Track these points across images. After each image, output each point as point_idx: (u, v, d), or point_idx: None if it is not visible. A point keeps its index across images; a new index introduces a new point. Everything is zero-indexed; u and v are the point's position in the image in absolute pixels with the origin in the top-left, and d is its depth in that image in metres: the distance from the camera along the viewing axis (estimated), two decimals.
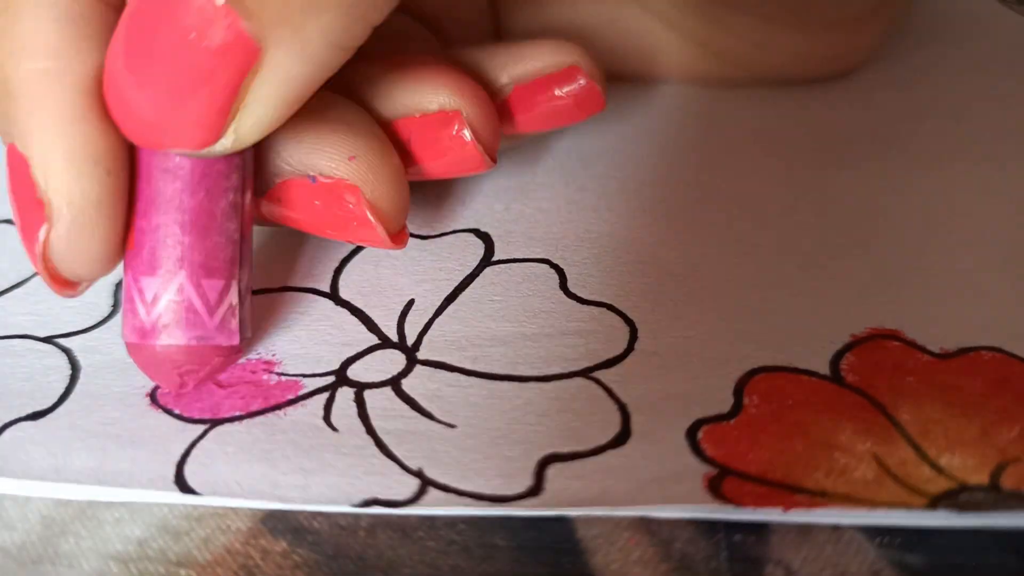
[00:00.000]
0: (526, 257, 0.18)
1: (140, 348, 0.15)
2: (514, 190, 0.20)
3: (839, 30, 0.23)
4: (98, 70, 0.14)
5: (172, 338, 0.15)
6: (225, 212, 0.15)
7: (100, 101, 0.14)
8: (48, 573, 0.14)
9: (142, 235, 0.15)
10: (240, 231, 0.15)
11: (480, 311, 0.17)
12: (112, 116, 0.14)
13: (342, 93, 0.16)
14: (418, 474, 0.14)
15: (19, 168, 0.14)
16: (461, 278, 0.18)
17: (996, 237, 0.18)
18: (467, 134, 0.16)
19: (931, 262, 0.18)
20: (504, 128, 0.18)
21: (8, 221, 0.20)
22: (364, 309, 0.17)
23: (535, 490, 0.14)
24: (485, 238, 0.19)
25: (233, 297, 0.15)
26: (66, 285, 0.15)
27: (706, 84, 0.24)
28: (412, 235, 0.19)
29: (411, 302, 0.17)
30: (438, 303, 0.17)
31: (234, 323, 0.15)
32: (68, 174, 0.14)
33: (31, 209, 0.15)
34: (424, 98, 0.17)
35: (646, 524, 0.14)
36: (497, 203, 0.20)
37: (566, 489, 0.14)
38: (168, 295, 0.15)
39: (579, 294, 0.17)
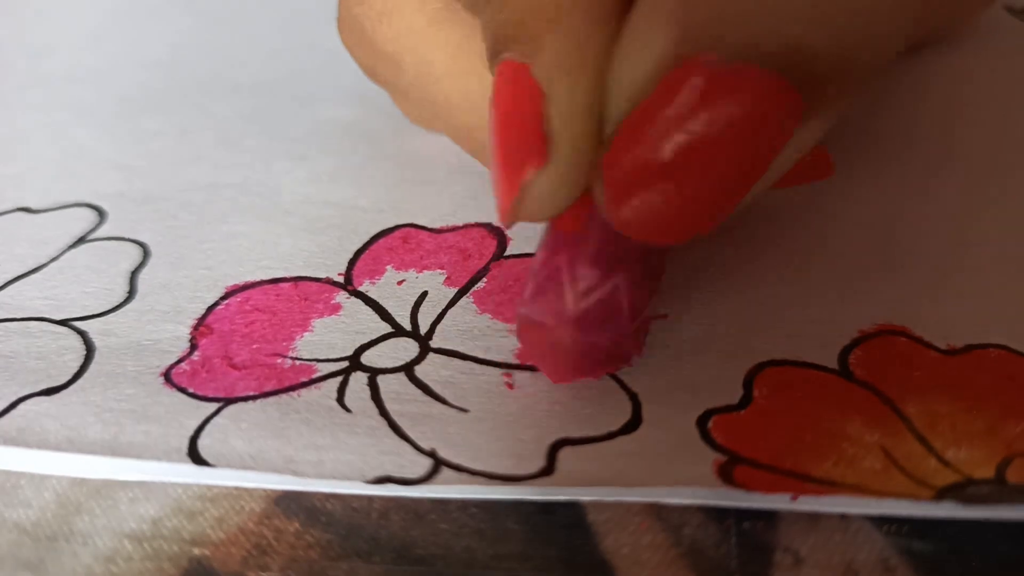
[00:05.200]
0: None
1: (546, 330, 0.14)
2: None
3: None
4: None
5: (591, 335, 0.14)
6: None
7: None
8: (63, 550, 0.14)
9: (593, 221, 0.14)
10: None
11: (492, 302, 0.17)
12: (623, 221, 0.13)
13: None
14: (431, 454, 0.14)
15: (525, 92, 0.13)
16: (474, 271, 0.18)
17: (1003, 238, 0.18)
18: None
19: (939, 261, 0.18)
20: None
21: (25, 209, 0.20)
22: (378, 300, 0.18)
23: (547, 470, 0.14)
24: (498, 232, 0.19)
25: (648, 309, 0.15)
26: (513, 219, 0.14)
27: None
28: (423, 228, 0.19)
29: (424, 294, 0.18)
30: (451, 295, 0.17)
31: (643, 335, 0.15)
32: (587, 122, 0.13)
33: (523, 139, 0.13)
34: None
35: (656, 510, 0.14)
36: None
37: (578, 470, 0.14)
38: (601, 292, 0.14)
39: None
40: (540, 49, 0.13)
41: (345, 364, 0.16)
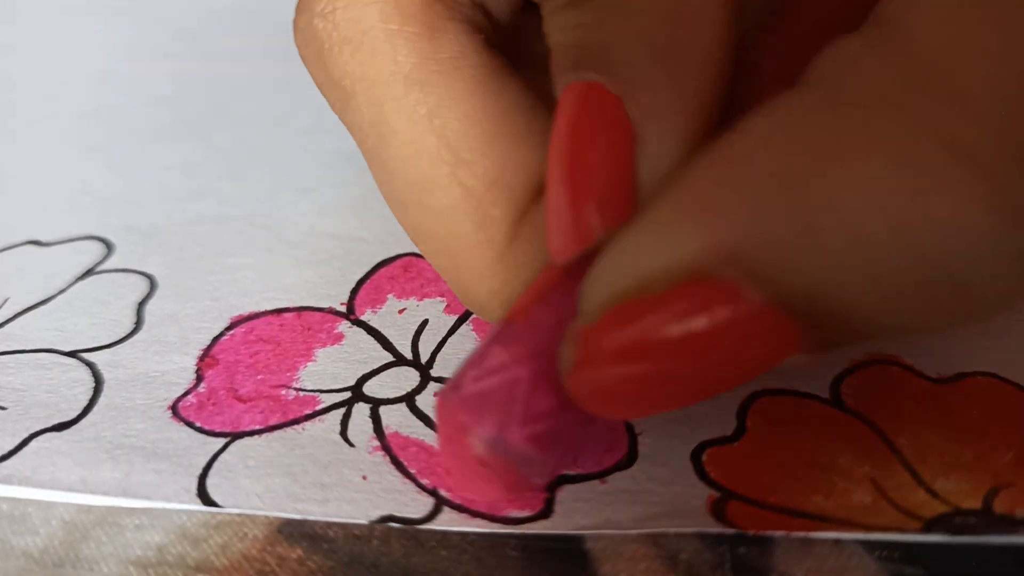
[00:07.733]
0: None
1: (443, 403, 0.13)
2: None
3: None
4: None
5: (477, 423, 0.12)
6: None
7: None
8: None
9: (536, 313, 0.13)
10: None
11: (493, 330, 0.18)
12: (585, 393, 0.12)
13: None
14: (432, 492, 0.15)
15: (610, 128, 0.11)
16: None
17: None
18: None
19: None
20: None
21: (35, 242, 0.21)
22: (379, 329, 0.18)
23: (546, 513, 0.14)
24: None
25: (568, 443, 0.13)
26: (569, 259, 0.12)
27: None
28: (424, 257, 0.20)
29: (425, 322, 0.18)
30: (451, 322, 0.18)
31: (551, 461, 0.13)
32: None
33: (604, 185, 0.11)
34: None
35: (653, 537, 0.14)
36: None
37: (575, 512, 0.14)
38: (502, 375, 0.12)
39: None
40: (637, 85, 0.12)
41: (347, 395, 0.16)
